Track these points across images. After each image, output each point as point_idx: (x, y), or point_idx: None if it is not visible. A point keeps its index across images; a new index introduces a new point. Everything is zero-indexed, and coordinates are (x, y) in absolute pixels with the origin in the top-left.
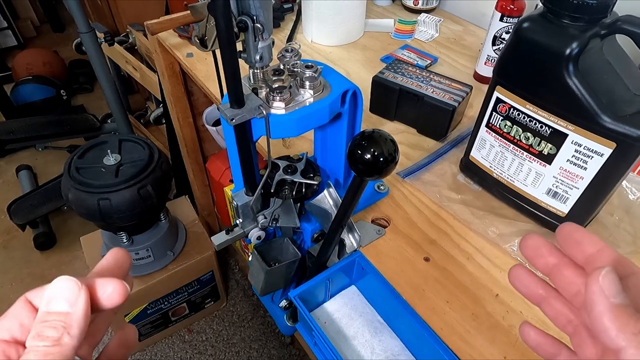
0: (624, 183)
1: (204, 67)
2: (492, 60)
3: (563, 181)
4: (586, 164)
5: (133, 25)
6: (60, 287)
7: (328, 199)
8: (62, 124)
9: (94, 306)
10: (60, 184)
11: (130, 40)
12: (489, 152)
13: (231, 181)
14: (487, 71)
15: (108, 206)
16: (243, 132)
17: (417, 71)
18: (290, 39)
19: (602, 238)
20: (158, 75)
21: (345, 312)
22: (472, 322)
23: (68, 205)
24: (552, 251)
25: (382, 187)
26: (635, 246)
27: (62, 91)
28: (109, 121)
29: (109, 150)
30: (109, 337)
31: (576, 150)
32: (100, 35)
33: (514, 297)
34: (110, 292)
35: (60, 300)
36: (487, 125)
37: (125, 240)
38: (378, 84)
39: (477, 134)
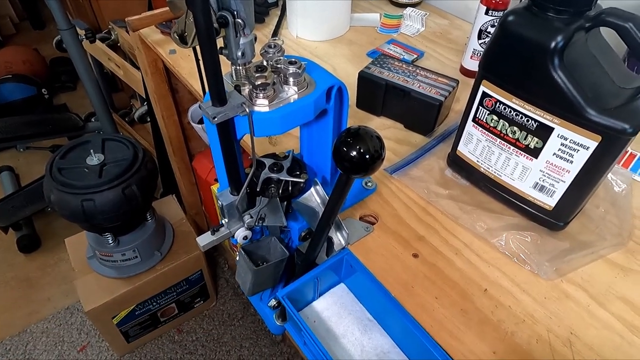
0: (610, 175)
1: (188, 64)
2: (478, 54)
3: (549, 175)
4: (572, 157)
5: (115, 21)
6: None
7: (315, 196)
8: (44, 124)
9: None
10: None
11: (112, 37)
12: (476, 146)
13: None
14: (474, 65)
15: (92, 207)
16: (226, 131)
17: (404, 66)
18: (275, 34)
19: (588, 231)
20: (141, 73)
21: (334, 310)
22: (462, 317)
23: (51, 207)
24: None
25: (369, 184)
26: (621, 238)
27: (43, 90)
28: (92, 120)
29: (92, 150)
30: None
31: (562, 144)
32: (81, 32)
33: (503, 292)
34: None
35: None
36: (473, 120)
37: (111, 242)
38: (364, 79)
39: (463, 129)
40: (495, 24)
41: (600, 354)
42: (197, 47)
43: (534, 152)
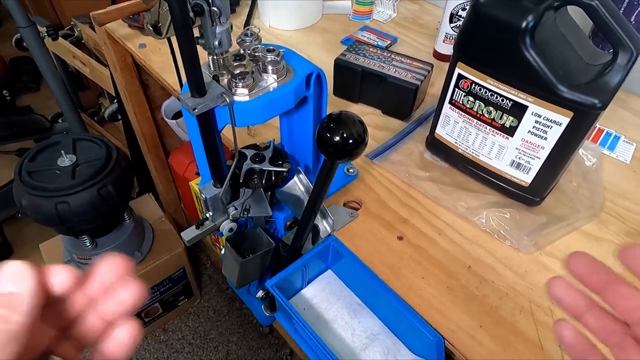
0: (581, 151)
1: (159, 58)
2: (451, 38)
3: (525, 152)
4: (546, 134)
5: (78, 17)
6: (8, 270)
7: (299, 185)
8: (9, 127)
9: (49, 291)
10: (12, 190)
11: (76, 34)
12: (454, 128)
13: (197, 174)
14: (446, 49)
15: (67, 210)
16: (207, 122)
17: (378, 52)
18: (247, 24)
19: (562, 204)
20: (110, 69)
21: (323, 296)
22: (448, 295)
23: (23, 212)
24: (603, 268)
25: (351, 170)
26: (593, 210)
27: (4, 91)
28: (59, 121)
29: (62, 151)
30: None
31: (536, 121)
32: (42, 29)
33: (486, 268)
34: (61, 278)
35: (7, 282)
36: (450, 102)
37: (88, 244)
38: (340, 66)
39: (441, 111)
40: (466, 7)
41: None
42: (172, 38)
43: (510, 131)
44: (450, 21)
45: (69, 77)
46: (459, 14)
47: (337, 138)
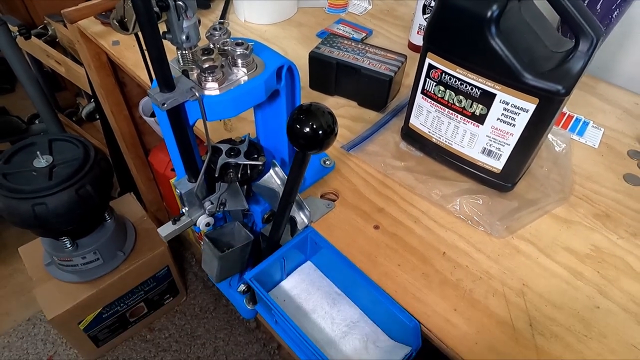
0: (550, 136)
1: (133, 55)
2: (424, 29)
3: (495, 139)
4: (514, 120)
5: (51, 16)
6: None
7: (275, 178)
8: None
9: None
10: None
11: (49, 33)
12: (427, 118)
13: None
14: (420, 40)
15: (45, 211)
16: (177, 117)
17: (353, 44)
18: (222, 19)
19: (534, 189)
20: (85, 68)
21: (302, 287)
22: (423, 280)
23: None
24: None
25: (327, 162)
26: (563, 193)
27: None
28: (36, 122)
29: (38, 152)
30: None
31: (504, 109)
32: (14, 28)
33: (460, 253)
34: None
35: None
36: (422, 92)
37: (69, 246)
38: (315, 59)
39: (414, 102)
40: None
41: (550, 300)
42: (140, 34)
43: (480, 119)
44: (424, 12)
45: (44, 77)
46: (431, 5)
47: (307, 129)
